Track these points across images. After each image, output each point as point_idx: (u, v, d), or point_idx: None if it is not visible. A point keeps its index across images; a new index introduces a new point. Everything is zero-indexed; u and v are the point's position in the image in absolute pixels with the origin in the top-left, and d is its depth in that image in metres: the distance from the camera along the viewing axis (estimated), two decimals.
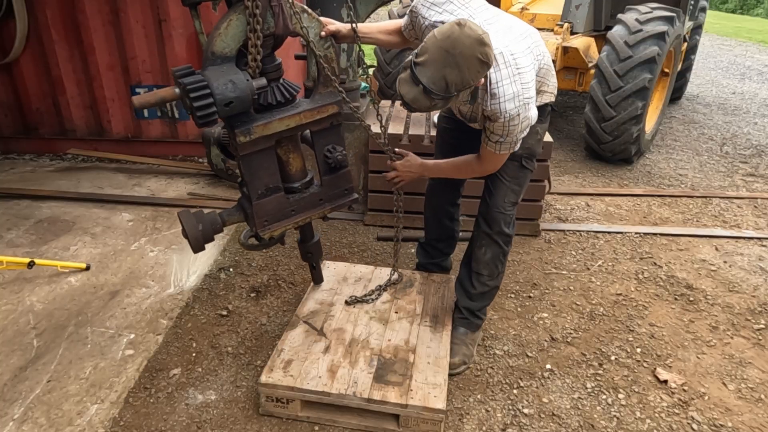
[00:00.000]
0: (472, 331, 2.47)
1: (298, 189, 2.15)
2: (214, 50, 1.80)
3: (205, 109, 1.72)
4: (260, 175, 2.01)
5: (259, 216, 2.05)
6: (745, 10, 26.51)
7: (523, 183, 2.31)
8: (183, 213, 2.02)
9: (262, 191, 2.04)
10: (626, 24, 4.59)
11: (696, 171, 4.88)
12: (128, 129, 4.54)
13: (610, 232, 3.61)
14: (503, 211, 2.28)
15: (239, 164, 2.00)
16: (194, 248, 2.00)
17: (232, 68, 1.82)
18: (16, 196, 3.76)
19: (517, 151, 2.16)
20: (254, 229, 2.10)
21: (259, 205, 2.04)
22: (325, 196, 2.22)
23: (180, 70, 1.76)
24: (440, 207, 2.64)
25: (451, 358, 2.29)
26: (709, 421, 2.16)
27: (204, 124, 1.76)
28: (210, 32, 1.83)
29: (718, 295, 2.97)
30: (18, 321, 2.56)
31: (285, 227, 2.13)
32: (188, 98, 1.70)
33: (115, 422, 2.06)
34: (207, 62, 1.80)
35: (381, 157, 3.40)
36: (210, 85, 1.71)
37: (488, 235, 2.32)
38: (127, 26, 4.17)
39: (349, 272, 2.75)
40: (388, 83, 5.45)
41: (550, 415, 2.16)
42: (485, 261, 2.35)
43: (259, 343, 2.49)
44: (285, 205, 2.13)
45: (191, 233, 1.98)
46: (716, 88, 8.44)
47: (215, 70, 1.79)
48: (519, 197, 2.33)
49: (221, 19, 1.83)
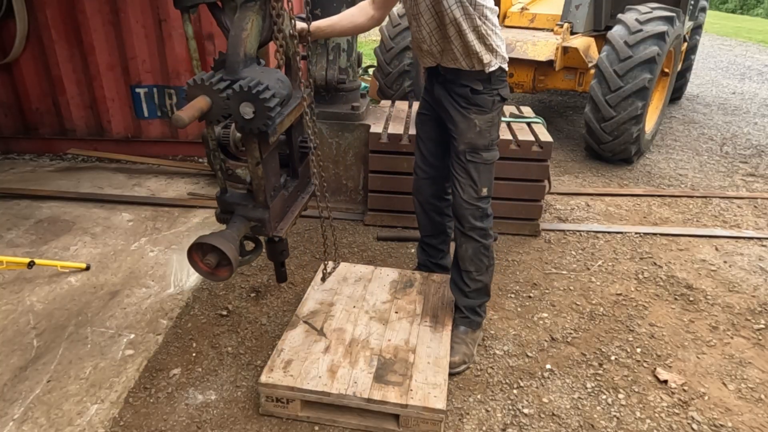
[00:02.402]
0: (473, 330, 2.48)
1: (284, 184, 2.13)
2: (246, 51, 1.75)
3: (275, 108, 1.65)
4: (270, 176, 1.97)
5: (273, 218, 1.99)
6: (745, 10, 26.51)
7: (478, 176, 2.31)
8: (207, 239, 1.82)
9: (271, 193, 1.99)
10: (626, 24, 4.59)
11: (696, 171, 4.88)
12: (128, 129, 4.54)
13: (610, 232, 3.61)
14: (468, 206, 2.33)
15: (257, 169, 1.89)
16: (234, 270, 1.85)
17: (266, 68, 1.78)
18: (16, 196, 3.76)
19: (458, 147, 2.28)
20: (269, 233, 2.01)
21: (273, 207, 1.98)
22: (300, 186, 2.22)
23: (210, 76, 1.67)
24: (426, 202, 2.66)
25: (452, 357, 2.30)
26: (709, 421, 2.16)
27: (268, 126, 1.67)
28: (234, 33, 1.76)
29: (718, 295, 2.97)
30: (18, 321, 2.56)
31: (289, 225, 2.09)
32: (257, 99, 1.61)
33: (115, 422, 2.06)
34: (239, 64, 1.73)
35: (381, 157, 3.42)
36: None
37: (461, 231, 2.38)
38: (127, 26, 4.17)
39: (349, 272, 2.75)
40: (388, 83, 5.46)
41: (550, 415, 2.16)
42: (468, 257, 2.40)
43: (259, 343, 2.49)
44: (285, 203, 2.11)
45: (232, 255, 1.81)
46: (716, 88, 8.44)
47: (254, 70, 1.74)
48: (481, 190, 2.33)
49: (239, 19, 1.77)
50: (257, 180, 1.91)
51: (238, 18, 1.79)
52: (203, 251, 1.83)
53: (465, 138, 2.29)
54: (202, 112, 1.63)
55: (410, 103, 4.16)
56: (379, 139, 3.35)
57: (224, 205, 2.04)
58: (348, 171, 3.62)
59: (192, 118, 1.57)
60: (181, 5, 1.79)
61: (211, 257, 1.83)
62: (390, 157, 3.39)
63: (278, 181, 2.04)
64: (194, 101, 1.63)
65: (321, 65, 3.45)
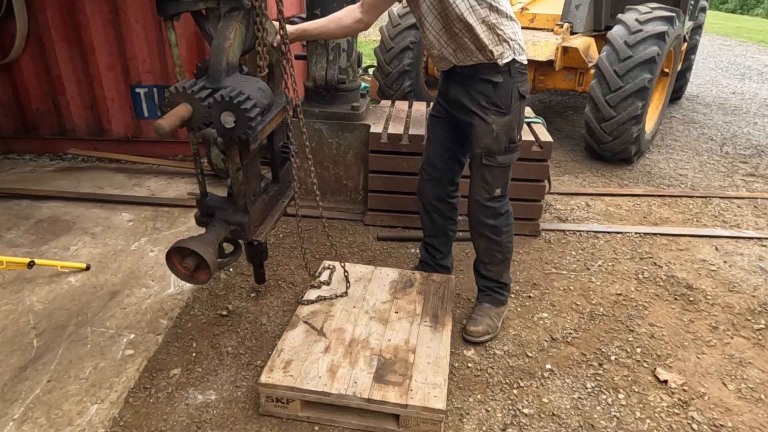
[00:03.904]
0: (496, 306, 2.59)
1: (265, 188, 2.16)
2: (229, 61, 1.78)
3: (255, 117, 1.67)
4: (250, 181, 2.00)
5: (253, 223, 2.03)
6: (745, 10, 26.52)
7: (491, 179, 2.34)
8: (185, 243, 1.85)
9: (251, 198, 2.01)
10: (626, 24, 4.59)
11: (696, 171, 4.88)
12: (128, 129, 4.54)
13: (610, 232, 3.61)
14: (478, 206, 2.41)
15: (237, 175, 1.92)
16: (212, 273, 1.89)
17: (248, 77, 1.81)
18: (16, 196, 3.76)
19: (474, 150, 2.32)
20: (248, 237, 2.04)
21: (253, 212, 2.01)
22: (280, 190, 2.26)
23: (192, 84, 1.69)
24: (428, 203, 2.69)
25: (474, 327, 2.49)
26: (709, 421, 2.16)
27: (248, 135, 1.70)
28: (218, 42, 1.78)
29: (718, 295, 2.97)
30: (18, 321, 2.56)
31: (269, 229, 2.14)
32: (238, 109, 1.63)
33: (115, 422, 2.06)
34: (222, 73, 1.76)
35: (381, 157, 3.42)
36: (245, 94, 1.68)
37: (473, 228, 2.49)
38: (127, 26, 4.17)
39: (349, 272, 2.75)
40: (388, 83, 5.46)
41: (550, 415, 2.16)
42: (482, 251, 2.53)
43: (259, 343, 2.49)
44: (265, 207, 2.14)
45: (209, 258, 1.84)
46: (716, 88, 8.44)
47: (236, 79, 1.77)
48: (494, 191, 2.37)
49: (223, 28, 1.79)
50: (237, 185, 1.94)
51: (221, 27, 1.81)
52: (182, 255, 1.85)
53: (481, 142, 2.30)
54: (183, 120, 1.66)
55: (410, 103, 4.16)
56: (379, 139, 3.36)
57: (204, 208, 2.07)
58: (348, 171, 3.62)
59: (173, 126, 1.60)
60: (165, 13, 1.80)
61: (189, 261, 1.85)
62: (390, 157, 3.39)
63: (258, 186, 2.06)
64: (176, 109, 1.66)
65: (321, 65, 3.45)
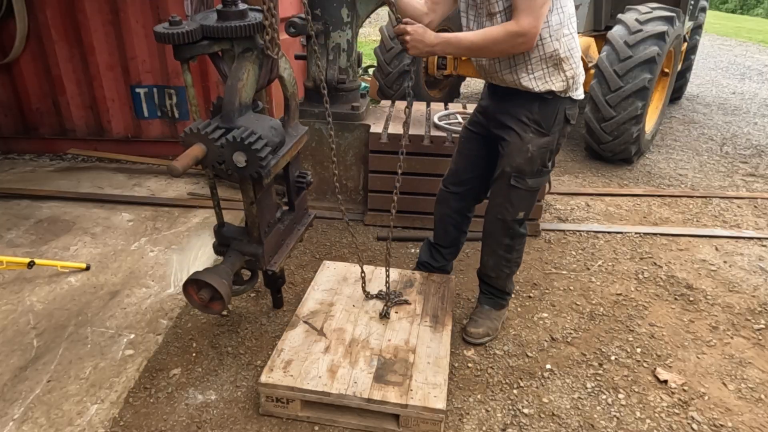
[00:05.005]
0: (497, 309, 2.58)
1: (280, 219, 2.22)
2: (242, 101, 1.84)
3: (266, 157, 1.75)
4: (265, 213, 2.06)
5: (267, 253, 2.10)
6: (745, 10, 26.50)
7: (518, 201, 2.29)
8: (202, 275, 1.94)
9: (266, 229, 2.08)
10: (626, 24, 4.58)
11: (696, 171, 4.88)
12: (128, 129, 4.54)
13: (610, 232, 3.61)
14: (499, 223, 2.36)
15: (252, 208, 1.99)
16: (226, 305, 1.99)
17: (260, 116, 1.87)
18: (16, 196, 3.76)
19: (504, 167, 2.23)
20: (263, 267, 2.12)
21: (267, 243, 2.08)
22: (297, 219, 2.33)
23: (206, 125, 1.76)
24: (447, 215, 2.63)
25: (474, 329, 2.49)
26: (709, 421, 2.16)
27: (258, 174, 1.77)
28: (231, 83, 1.83)
29: (718, 295, 2.97)
30: (18, 321, 2.56)
31: (284, 259, 2.20)
32: (249, 150, 1.71)
33: (115, 422, 2.06)
34: (234, 113, 1.82)
35: (381, 157, 3.41)
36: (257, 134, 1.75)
37: (487, 245, 2.47)
38: (127, 26, 4.17)
39: (349, 272, 2.75)
40: (388, 83, 5.46)
41: (550, 415, 2.16)
42: (490, 266, 2.51)
43: (259, 343, 2.49)
44: (280, 237, 2.20)
45: (224, 291, 1.93)
46: (716, 88, 8.44)
47: (249, 119, 1.84)
48: (518, 214, 2.32)
49: (236, 69, 1.85)
50: (251, 218, 2.02)
51: (235, 68, 1.87)
52: (198, 286, 1.96)
53: (513, 161, 2.20)
54: (197, 160, 1.74)
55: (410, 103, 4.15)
56: (379, 139, 3.36)
57: (221, 239, 2.17)
58: (348, 171, 3.62)
59: (186, 167, 1.69)
60: (181, 57, 1.84)
61: (204, 292, 1.95)
62: (390, 157, 3.38)
63: (273, 217, 2.13)
64: (190, 149, 1.74)
65: (321, 65, 3.45)
